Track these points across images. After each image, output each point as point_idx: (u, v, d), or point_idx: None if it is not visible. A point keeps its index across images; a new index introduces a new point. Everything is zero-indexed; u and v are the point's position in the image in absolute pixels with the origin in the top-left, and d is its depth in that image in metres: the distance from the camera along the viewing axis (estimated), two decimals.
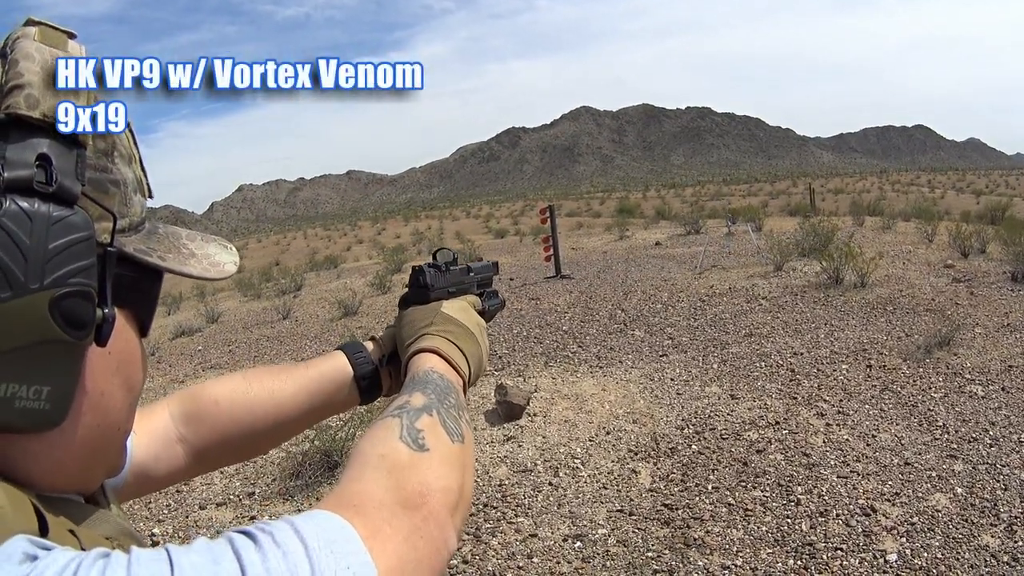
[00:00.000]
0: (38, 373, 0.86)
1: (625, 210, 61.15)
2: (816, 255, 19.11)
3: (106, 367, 0.98)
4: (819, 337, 12.53)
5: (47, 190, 0.86)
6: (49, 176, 0.86)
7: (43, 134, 0.88)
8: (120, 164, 1.02)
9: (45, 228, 0.84)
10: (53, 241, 0.84)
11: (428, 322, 1.64)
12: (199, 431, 1.63)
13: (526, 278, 22.90)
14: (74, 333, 0.87)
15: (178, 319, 24.98)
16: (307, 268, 42.06)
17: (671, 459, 8.52)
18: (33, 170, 0.85)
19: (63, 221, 0.86)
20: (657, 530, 7.02)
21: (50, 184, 0.86)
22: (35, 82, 0.89)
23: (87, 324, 0.89)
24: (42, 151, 0.87)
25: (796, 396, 9.99)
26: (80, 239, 0.87)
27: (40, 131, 0.88)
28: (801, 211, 43.46)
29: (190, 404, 1.66)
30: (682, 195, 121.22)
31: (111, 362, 0.99)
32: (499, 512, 7.63)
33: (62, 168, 0.88)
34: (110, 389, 1.00)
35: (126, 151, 1.05)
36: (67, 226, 0.86)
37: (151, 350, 19.11)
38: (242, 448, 1.72)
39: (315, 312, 22.20)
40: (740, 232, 25.46)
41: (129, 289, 1.02)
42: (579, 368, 12.12)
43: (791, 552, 6.45)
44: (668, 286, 18.39)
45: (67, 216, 0.86)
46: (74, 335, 0.87)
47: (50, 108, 0.88)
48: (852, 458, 8.08)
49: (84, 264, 0.88)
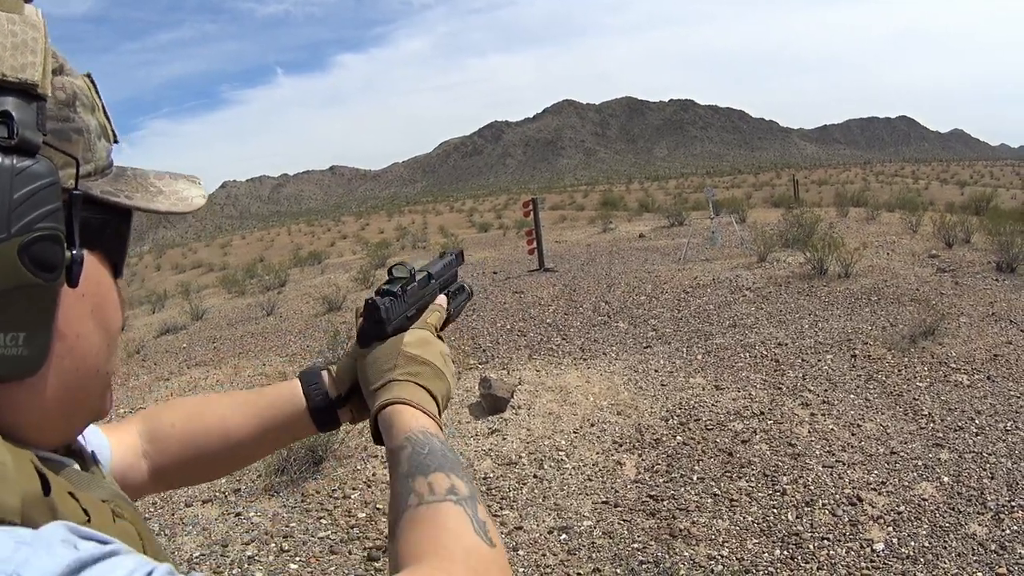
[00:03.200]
0: (13, 320, 0.88)
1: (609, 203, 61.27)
2: (800, 246, 19.15)
3: (81, 310, 1.00)
4: (803, 327, 12.54)
5: (9, 143, 0.87)
6: (10, 130, 0.88)
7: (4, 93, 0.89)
8: (82, 112, 1.04)
9: (9, 179, 0.86)
10: (18, 191, 0.86)
11: (391, 365, 1.56)
12: (158, 450, 1.65)
13: (510, 271, 22.88)
14: (45, 276, 0.88)
15: (163, 317, 25.01)
16: (291, 264, 42.02)
17: (656, 450, 8.52)
18: None
19: (26, 171, 0.87)
20: (643, 521, 7.02)
21: (11, 138, 0.87)
22: None
23: (57, 266, 0.90)
24: (3, 109, 0.88)
25: (781, 386, 10.00)
26: (44, 186, 0.89)
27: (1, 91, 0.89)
28: (785, 202, 43.50)
29: (151, 423, 1.69)
30: (665, 187, 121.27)
31: (85, 304, 1.01)
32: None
33: (23, 121, 0.89)
34: (86, 331, 1.01)
35: (88, 100, 1.06)
36: (30, 175, 0.88)
37: (136, 348, 19.20)
38: (197, 471, 1.74)
39: (299, 308, 22.14)
40: (723, 224, 25.45)
41: (99, 231, 1.04)
42: (563, 360, 12.13)
43: (777, 542, 6.45)
44: (652, 278, 18.38)
45: (30, 166, 0.88)
46: (45, 278, 0.89)
47: (8, 68, 0.89)
48: (837, 448, 8.10)
49: (49, 208, 0.89)
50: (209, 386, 13.71)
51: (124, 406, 13.12)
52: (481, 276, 22.70)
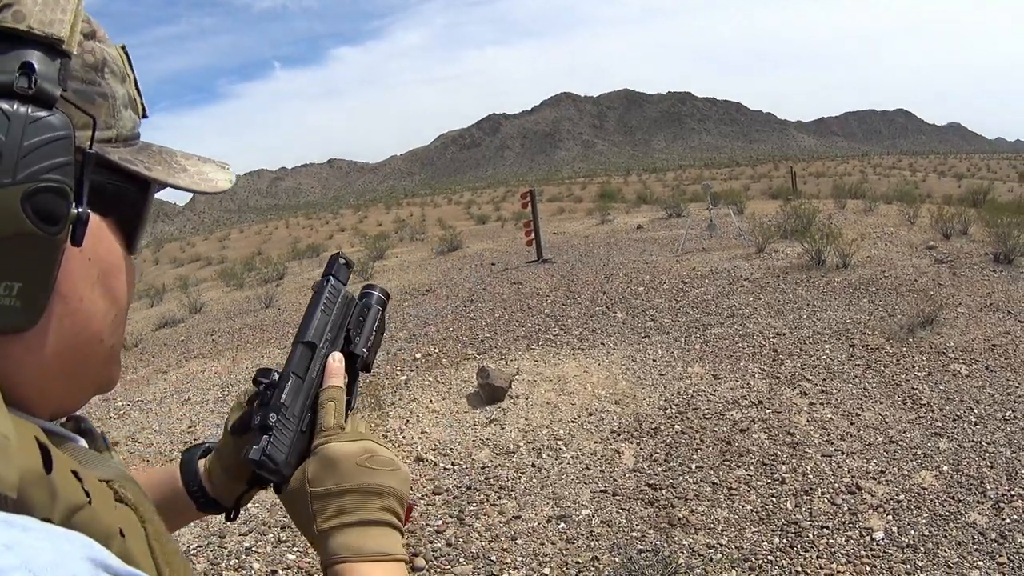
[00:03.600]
0: (9, 268, 0.88)
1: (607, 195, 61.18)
2: (798, 237, 19.14)
3: (86, 273, 1.00)
4: (801, 317, 12.55)
5: (27, 93, 0.88)
6: (30, 81, 0.89)
7: (30, 46, 0.91)
8: (111, 79, 1.05)
9: (21, 127, 0.86)
10: (29, 139, 0.87)
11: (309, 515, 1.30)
12: None
13: (508, 263, 22.93)
14: (46, 228, 0.88)
15: (161, 310, 25.05)
16: (289, 257, 42.12)
17: (654, 439, 8.52)
18: (15, 76, 0.89)
19: (40, 121, 0.88)
20: (641, 510, 7.03)
21: (30, 88, 0.89)
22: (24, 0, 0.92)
23: (60, 220, 0.90)
24: (26, 60, 0.90)
25: (779, 376, 10.00)
26: (56, 138, 0.89)
27: (27, 43, 0.91)
28: (783, 194, 43.55)
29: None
30: (663, 179, 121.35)
31: (91, 269, 1.00)
32: (482, 495, 7.63)
33: (43, 74, 0.91)
34: (91, 296, 1.01)
35: (119, 70, 1.08)
36: (43, 126, 0.88)
37: (134, 341, 19.22)
38: None
39: (297, 300, 22.16)
40: (721, 215, 25.45)
41: (114, 198, 1.04)
42: (561, 350, 12.13)
43: (776, 530, 6.46)
44: (650, 269, 18.41)
45: (44, 117, 0.89)
46: (46, 230, 0.88)
47: (36, 22, 0.91)
48: (836, 436, 8.11)
49: (59, 161, 0.89)
50: (207, 378, 13.73)
51: (122, 399, 13.16)
52: (479, 267, 22.76)
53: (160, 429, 11.10)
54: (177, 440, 10.46)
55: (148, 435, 10.92)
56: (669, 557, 6.02)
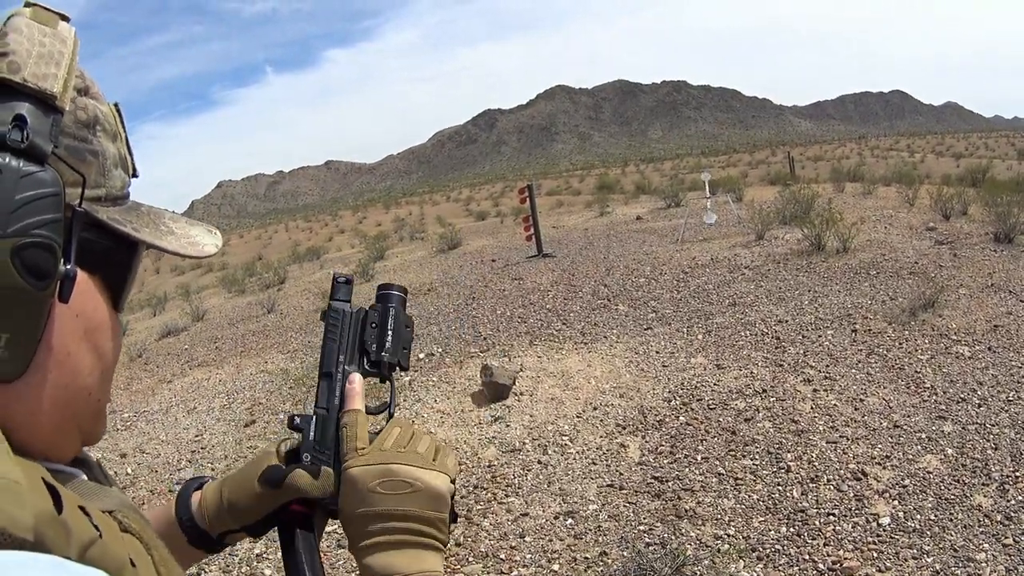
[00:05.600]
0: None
1: (605, 186, 61.25)
2: (797, 222, 19.13)
3: (73, 329, 1.01)
4: (803, 304, 12.56)
5: (19, 147, 0.90)
6: (23, 135, 0.90)
7: (23, 98, 0.93)
8: (102, 138, 1.06)
9: (13, 181, 0.88)
10: (20, 193, 0.88)
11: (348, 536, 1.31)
12: None
13: (508, 258, 22.93)
14: (34, 283, 0.90)
15: (164, 319, 25.05)
16: (290, 261, 42.07)
17: (659, 431, 8.54)
18: (8, 128, 0.90)
19: (32, 176, 0.90)
20: (648, 503, 7.05)
21: (22, 142, 0.90)
22: (20, 51, 0.94)
23: (48, 276, 0.91)
24: (19, 112, 0.91)
25: (782, 363, 10.02)
26: (47, 194, 0.91)
27: (20, 95, 0.93)
28: (781, 180, 43.45)
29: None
30: (661, 169, 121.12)
31: (78, 325, 1.02)
32: (489, 493, 7.65)
33: (36, 129, 0.92)
34: (78, 351, 1.02)
35: (111, 128, 1.09)
36: (35, 181, 0.90)
37: (138, 352, 19.24)
38: None
39: (299, 304, 22.17)
40: (720, 203, 25.42)
41: (102, 257, 1.05)
42: (564, 345, 12.16)
43: (783, 519, 6.48)
44: (650, 260, 18.42)
45: (36, 172, 0.90)
46: (35, 284, 0.90)
47: (31, 75, 0.93)
48: (841, 423, 8.12)
49: (49, 218, 0.91)
50: (212, 386, 13.75)
51: (128, 410, 13.18)
52: (480, 264, 22.75)
53: (167, 439, 11.12)
54: (184, 449, 10.49)
55: (155, 445, 10.93)
56: (677, 549, 6.04)
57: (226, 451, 10.19)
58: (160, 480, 9.46)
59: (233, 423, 11.32)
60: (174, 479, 9.33)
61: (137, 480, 9.61)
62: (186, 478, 9.17)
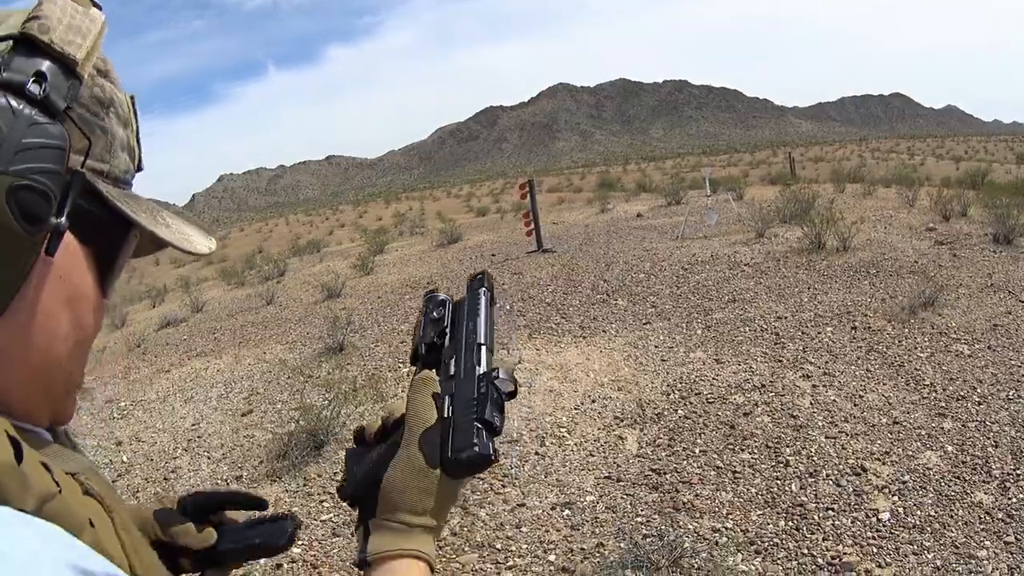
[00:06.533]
0: None
1: (606, 184, 61.35)
2: (798, 221, 19.15)
3: (56, 291, 1.02)
4: (803, 301, 12.55)
5: (35, 97, 0.94)
6: (42, 88, 0.95)
7: (47, 58, 0.98)
8: (114, 120, 1.11)
9: (24, 125, 0.91)
10: (27, 138, 0.92)
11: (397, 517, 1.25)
12: None
13: (508, 253, 22.92)
14: (24, 225, 0.92)
15: (163, 311, 25.03)
16: (290, 254, 42.06)
17: (657, 424, 8.54)
18: (29, 79, 0.95)
19: (41, 126, 0.93)
20: (646, 495, 7.04)
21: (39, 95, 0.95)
22: (52, 17, 1.00)
23: (38, 221, 0.93)
24: (41, 69, 0.96)
25: (781, 359, 10.01)
26: (51, 145, 0.94)
27: (45, 55, 0.98)
28: (782, 179, 43.53)
29: None
30: (663, 167, 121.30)
31: (61, 289, 1.03)
32: (486, 483, 7.64)
33: (54, 86, 0.97)
34: (57, 315, 1.03)
35: (124, 114, 1.15)
36: (44, 131, 0.93)
37: (137, 342, 19.22)
38: None
39: (299, 296, 22.18)
40: (721, 201, 25.45)
41: (95, 229, 1.08)
42: (563, 338, 12.15)
43: (782, 513, 6.47)
44: (650, 256, 18.40)
45: (45, 123, 0.94)
46: (24, 227, 0.92)
47: (58, 39, 0.99)
48: (840, 418, 8.11)
49: (50, 167, 0.94)
50: (210, 376, 13.75)
51: (125, 398, 13.18)
52: (480, 259, 22.76)
53: (164, 427, 11.10)
54: (181, 438, 10.46)
55: (152, 434, 10.92)
56: (675, 541, 6.02)
57: (223, 440, 10.17)
58: (155, 468, 9.44)
59: (230, 412, 11.30)
60: (169, 467, 9.32)
61: (132, 468, 9.60)
62: (181, 467, 9.22)
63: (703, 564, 5.88)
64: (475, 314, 1.48)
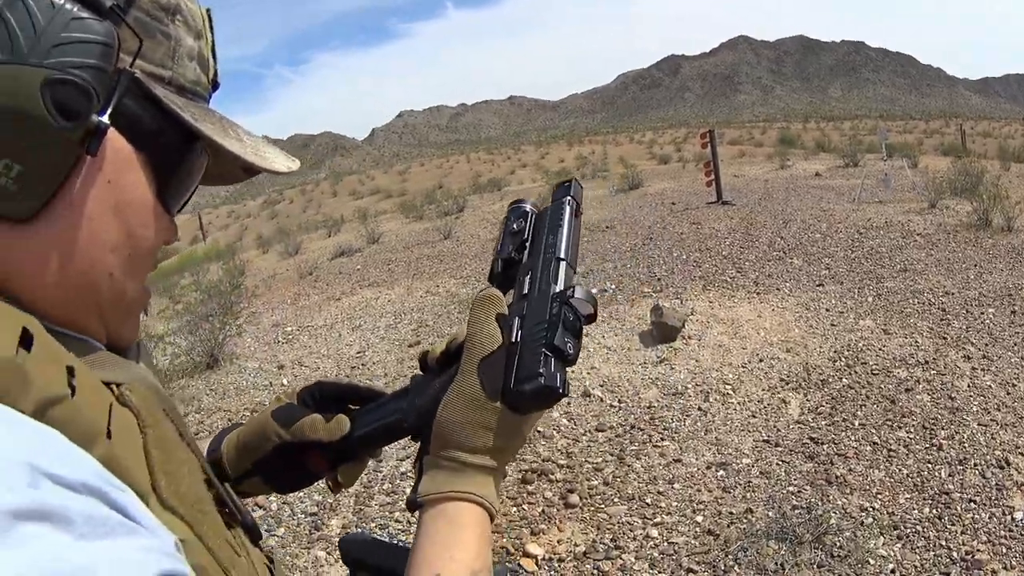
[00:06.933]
0: (12, 148, 0.88)
1: (786, 140, 61.25)
2: (968, 195, 18.85)
3: (102, 195, 0.98)
4: (969, 278, 12.33)
5: None
6: None
7: None
8: (181, 27, 1.07)
9: (65, 20, 0.88)
10: (67, 32, 0.89)
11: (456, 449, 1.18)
12: None
13: (688, 203, 22.96)
14: (60, 121, 0.89)
15: (338, 240, 25.49)
16: (470, 191, 42.45)
17: (821, 392, 8.54)
18: None
19: (83, 21, 0.90)
20: (801, 464, 7.08)
21: None
22: None
23: (76, 117, 0.90)
24: None
25: (946, 336, 9.86)
26: (94, 40, 0.91)
27: None
28: (954, 151, 42.74)
29: None
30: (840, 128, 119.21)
31: (109, 193, 0.99)
32: (645, 435, 7.78)
33: None
34: (103, 221, 0.99)
35: (194, 25, 1.10)
36: (85, 26, 0.90)
37: (309, 269, 19.78)
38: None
39: (476, 232, 22.41)
40: (896, 167, 25.19)
41: (151, 135, 1.03)
42: (736, 293, 12.23)
43: (928, 500, 6.37)
44: (827, 216, 18.33)
45: (89, 19, 0.91)
46: (59, 122, 0.88)
47: None
48: (993, 406, 7.88)
49: (92, 63, 0.91)
50: (380, 306, 14.12)
51: (292, 323, 13.63)
52: (660, 206, 22.84)
53: (328, 353, 11.46)
54: (344, 365, 10.79)
55: (316, 359, 11.29)
56: (821, 516, 6.03)
57: (387, 369, 10.45)
58: None
59: (397, 342, 11.54)
60: None
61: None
62: None
63: (845, 543, 5.81)
64: (557, 226, 1.37)
